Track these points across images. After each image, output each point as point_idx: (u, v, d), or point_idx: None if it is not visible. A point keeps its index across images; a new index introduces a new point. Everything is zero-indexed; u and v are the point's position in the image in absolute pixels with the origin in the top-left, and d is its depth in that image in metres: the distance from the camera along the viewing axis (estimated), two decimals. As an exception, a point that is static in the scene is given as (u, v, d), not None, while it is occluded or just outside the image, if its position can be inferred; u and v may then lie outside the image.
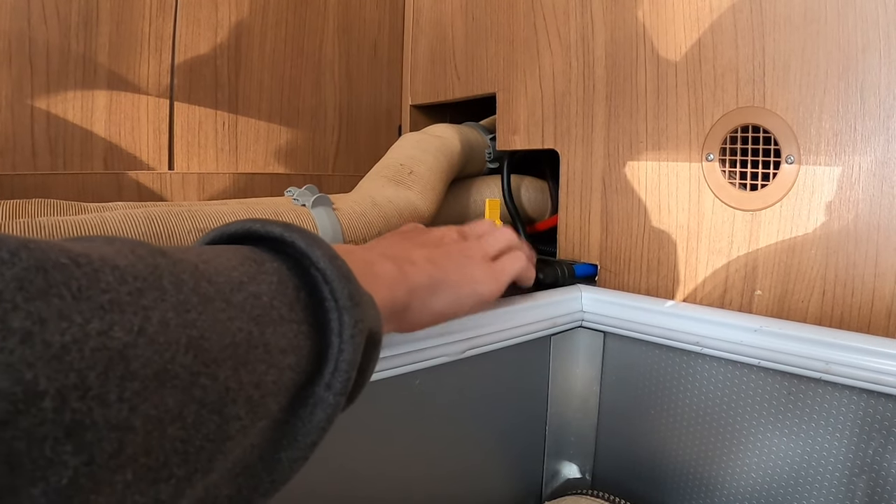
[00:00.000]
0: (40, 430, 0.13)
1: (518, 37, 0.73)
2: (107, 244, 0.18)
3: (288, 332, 0.22)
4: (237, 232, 0.26)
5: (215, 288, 0.20)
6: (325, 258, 0.24)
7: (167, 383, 0.17)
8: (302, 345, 0.22)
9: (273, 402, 0.21)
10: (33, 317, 0.14)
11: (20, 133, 0.67)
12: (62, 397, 0.14)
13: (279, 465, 0.22)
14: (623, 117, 0.61)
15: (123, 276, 0.17)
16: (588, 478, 0.60)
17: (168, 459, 0.17)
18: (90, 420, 0.14)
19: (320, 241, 0.25)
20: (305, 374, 0.23)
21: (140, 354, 0.16)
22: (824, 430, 0.44)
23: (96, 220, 0.49)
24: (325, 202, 0.60)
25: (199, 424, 0.18)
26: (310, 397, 0.23)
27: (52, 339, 0.14)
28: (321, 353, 0.24)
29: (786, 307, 0.51)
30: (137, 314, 0.16)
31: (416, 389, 0.46)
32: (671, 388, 0.53)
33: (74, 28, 0.68)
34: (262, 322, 0.21)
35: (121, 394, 0.15)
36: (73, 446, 0.14)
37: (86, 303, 0.15)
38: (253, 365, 0.20)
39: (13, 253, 0.14)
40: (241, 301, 0.21)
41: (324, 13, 0.90)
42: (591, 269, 0.64)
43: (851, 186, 0.47)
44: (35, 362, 0.13)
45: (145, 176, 0.75)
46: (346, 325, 0.23)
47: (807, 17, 0.48)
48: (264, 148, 0.86)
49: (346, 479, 0.43)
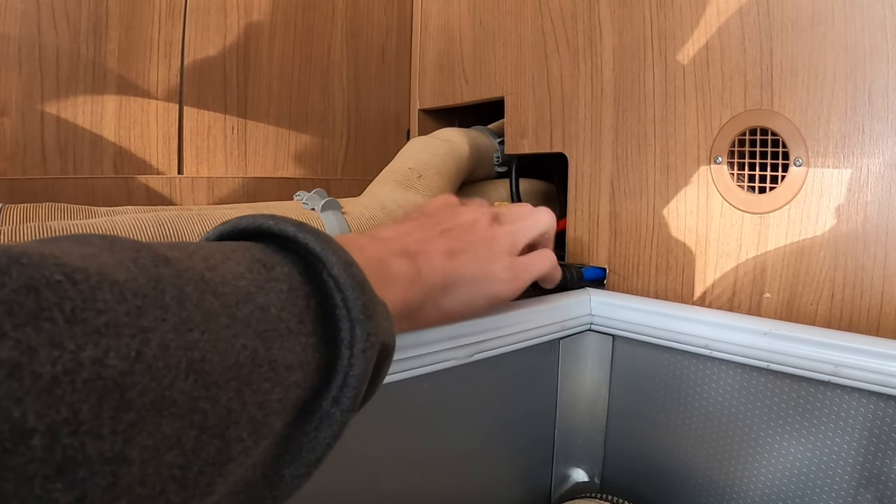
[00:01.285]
0: (30, 469, 0.13)
1: (526, 41, 0.73)
2: (107, 250, 0.17)
3: (295, 345, 0.21)
4: (249, 227, 0.25)
5: (220, 301, 0.19)
6: (339, 264, 0.23)
7: (164, 411, 0.16)
8: (310, 359, 0.22)
9: (277, 420, 0.20)
10: (22, 346, 0.13)
11: (30, 137, 0.67)
12: (53, 434, 0.13)
13: (282, 482, 0.22)
14: (631, 120, 0.61)
15: (122, 294, 0.16)
16: (597, 482, 0.60)
17: (165, 487, 0.16)
18: (82, 456, 0.14)
19: (335, 244, 0.24)
20: (312, 388, 0.22)
21: (137, 382, 0.15)
22: (833, 433, 0.44)
23: (106, 224, 0.50)
24: (335, 206, 0.60)
25: (199, 450, 0.17)
26: (315, 412, 0.22)
27: (43, 371, 0.13)
28: (330, 364, 0.23)
29: (794, 310, 0.51)
30: (135, 338, 0.15)
31: (424, 392, 0.46)
32: (680, 391, 0.53)
33: (84, 33, 0.69)
34: (268, 338, 0.20)
35: (115, 426, 0.14)
36: (65, 484, 0.13)
37: (80, 326, 0.14)
38: (257, 384, 0.19)
39: (3, 272, 0.14)
40: (247, 315, 0.20)
41: (332, 18, 0.90)
42: (600, 273, 0.64)
43: (860, 189, 0.47)
44: (24, 397, 0.13)
45: (155, 180, 0.76)
46: (357, 338, 0.22)
47: (814, 20, 0.48)
48: (273, 152, 0.86)
49: (353, 482, 0.43)
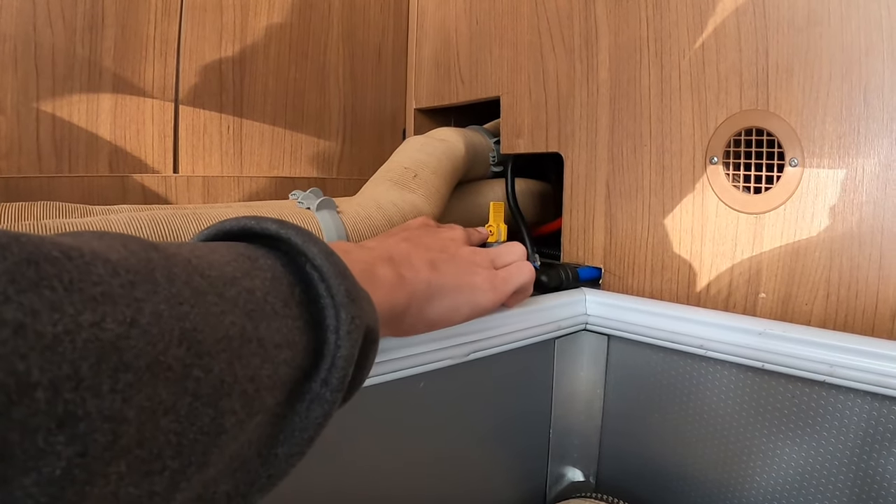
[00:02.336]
0: (33, 421, 0.13)
1: (522, 40, 0.73)
2: (96, 239, 0.18)
3: (282, 327, 0.22)
4: (233, 229, 0.26)
5: (208, 282, 0.20)
6: (321, 255, 0.24)
7: (160, 375, 0.17)
8: (297, 340, 0.22)
9: (269, 396, 0.21)
10: (25, 308, 0.14)
11: (25, 136, 0.67)
12: (55, 388, 0.14)
13: (276, 461, 0.23)
14: (627, 120, 0.61)
15: (115, 269, 0.17)
16: (592, 481, 0.60)
17: (162, 451, 0.17)
18: (83, 411, 0.14)
19: (315, 238, 0.25)
20: (301, 369, 0.23)
21: (133, 346, 0.16)
22: (829, 433, 0.44)
23: (101, 222, 0.50)
24: (330, 205, 0.60)
25: (194, 417, 0.18)
26: (307, 393, 0.23)
27: (45, 331, 0.14)
28: (318, 349, 0.24)
29: (790, 310, 0.51)
30: (130, 306, 0.16)
31: (419, 392, 0.46)
32: (675, 391, 0.53)
33: (80, 31, 0.69)
34: (255, 317, 0.21)
35: (114, 385, 0.15)
36: (66, 437, 0.14)
37: (77, 294, 0.15)
38: (247, 359, 0.20)
39: (4, 247, 0.14)
40: (234, 295, 0.21)
41: (328, 18, 0.90)
42: (595, 273, 0.64)
43: (855, 189, 0.47)
44: (27, 353, 0.13)
45: (150, 179, 0.75)
46: (342, 321, 0.23)
47: (810, 20, 0.48)
48: (269, 151, 0.86)
49: (349, 482, 0.43)
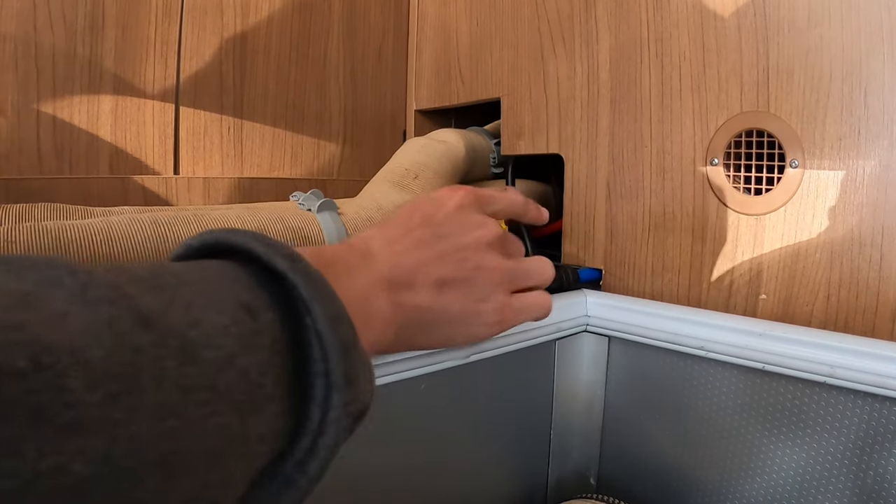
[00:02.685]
0: None
1: (522, 42, 0.73)
2: (79, 300, 0.16)
3: (269, 413, 0.20)
4: (238, 245, 0.23)
5: (200, 371, 0.18)
6: (325, 319, 0.21)
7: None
8: (281, 428, 0.20)
9: (237, 492, 0.19)
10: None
11: (26, 137, 0.67)
12: None
13: None
14: (627, 122, 0.61)
15: (95, 380, 0.15)
16: (593, 482, 0.60)
17: None
18: None
19: (323, 287, 0.22)
20: (277, 452, 0.21)
21: (100, 489, 0.14)
22: (829, 434, 0.44)
23: (102, 224, 0.50)
24: (331, 207, 0.60)
25: None
26: (279, 474, 0.20)
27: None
28: (298, 423, 0.21)
29: (790, 311, 0.51)
30: (104, 434, 0.14)
31: (420, 393, 0.46)
32: (676, 392, 0.53)
33: (80, 33, 0.69)
34: (244, 410, 0.19)
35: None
36: None
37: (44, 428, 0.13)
38: (226, 465, 0.18)
39: None
40: (227, 386, 0.18)
41: (329, 19, 0.90)
42: (596, 274, 0.64)
43: (855, 190, 0.47)
44: None
45: (151, 180, 0.75)
46: (333, 405, 0.20)
47: (810, 22, 0.48)
48: (269, 152, 0.86)
49: (349, 483, 0.43)
